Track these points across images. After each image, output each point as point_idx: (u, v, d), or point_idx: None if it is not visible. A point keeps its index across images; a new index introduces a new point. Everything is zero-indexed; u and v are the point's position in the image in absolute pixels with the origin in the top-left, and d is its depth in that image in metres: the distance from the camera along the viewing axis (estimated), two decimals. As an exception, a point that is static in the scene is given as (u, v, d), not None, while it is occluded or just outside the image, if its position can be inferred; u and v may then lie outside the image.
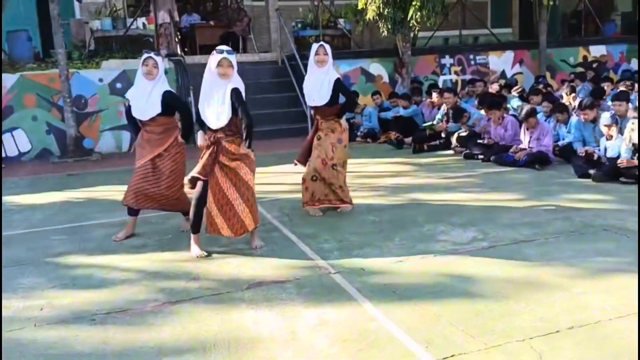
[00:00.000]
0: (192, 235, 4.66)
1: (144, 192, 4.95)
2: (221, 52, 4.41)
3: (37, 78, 10.14)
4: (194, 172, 4.49)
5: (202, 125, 4.60)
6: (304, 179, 5.53)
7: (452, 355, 2.88)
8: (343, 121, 5.57)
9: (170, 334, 3.27)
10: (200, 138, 4.64)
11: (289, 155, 8.92)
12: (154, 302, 3.71)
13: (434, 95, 10.31)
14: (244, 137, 4.48)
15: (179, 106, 5.10)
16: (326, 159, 5.46)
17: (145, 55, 4.95)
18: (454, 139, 8.88)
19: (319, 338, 3.14)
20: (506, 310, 3.34)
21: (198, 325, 3.36)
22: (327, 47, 5.43)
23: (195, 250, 4.60)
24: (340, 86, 5.48)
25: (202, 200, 4.56)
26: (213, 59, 4.40)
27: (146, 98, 4.86)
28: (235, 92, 4.36)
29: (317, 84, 5.40)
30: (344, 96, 5.61)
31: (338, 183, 5.52)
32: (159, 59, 4.94)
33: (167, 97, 4.91)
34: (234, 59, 4.41)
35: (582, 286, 3.63)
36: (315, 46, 5.44)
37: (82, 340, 3.23)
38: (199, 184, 4.54)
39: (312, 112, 5.68)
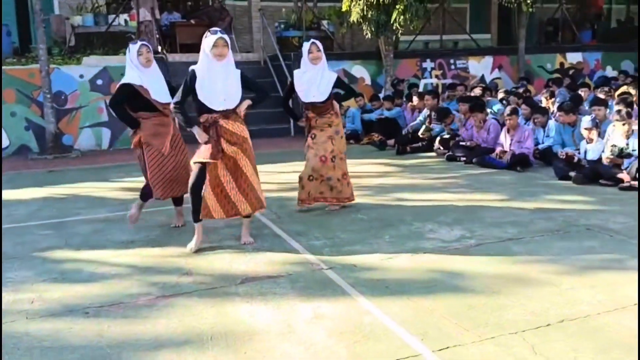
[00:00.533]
0: (195, 226, 4.62)
1: (177, 180, 4.99)
2: (215, 32, 4.39)
3: (16, 73, 9.99)
4: (201, 158, 4.46)
5: (187, 117, 4.50)
6: (300, 178, 5.58)
7: (447, 347, 2.93)
8: (336, 105, 5.61)
9: (165, 326, 3.27)
10: (200, 134, 4.54)
11: (273, 154, 8.99)
12: (147, 296, 3.70)
13: (414, 98, 10.42)
14: (254, 97, 4.66)
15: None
16: (325, 154, 5.50)
17: (138, 44, 4.92)
18: (436, 142, 8.99)
19: (316, 331, 3.17)
20: (497, 305, 3.41)
21: (193, 318, 3.36)
22: (319, 44, 5.44)
23: (191, 242, 4.58)
24: (341, 83, 5.64)
25: (200, 187, 4.54)
26: (208, 40, 4.37)
27: (159, 84, 4.92)
28: (245, 77, 4.53)
29: (316, 80, 5.41)
30: (345, 90, 5.73)
31: (337, 176, 5.56)
32: (149, 45, 5.00)
33: (170, 83, 5.05)
34: (228, 39, 4.43)
35: (570, 282, 3.72)
36: (307, 44, 5.44)
37: (76, 333, 3.21)
38: (195, 171, 4.51)
39: (305, 110, 5.62)
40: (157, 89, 4.94)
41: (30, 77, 9.98)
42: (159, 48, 11.74)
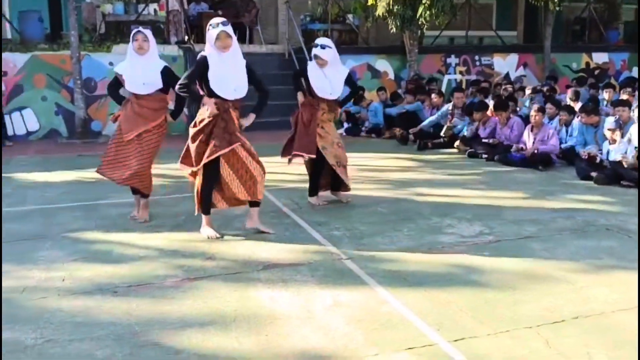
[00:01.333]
0: (203, 217, 4.77)
1: (120, 163, 4.98)
2: (216, 25, 4.39)
3: (48, 59, 10.23)
4: (216, 154, 4.48)
5: (194, 92, 4.57)
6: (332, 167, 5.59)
7: (463, 338, 3.03)
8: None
9: (191, 307, 3.41)
10: (212, 105, 4.48)
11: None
12: (173, 278, 3.85)
13: (433, 96, 10.41)
14: (257, 105, 4.78)
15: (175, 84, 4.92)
16: (339, 141, 5.63)
17: (135, 30, 4.95)
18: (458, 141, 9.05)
19: (335, 317, 3.28)
20: (513, 300, 3.49)
21: (217, 300, 3.50)
22: (328, 51, 5.38)
23: (207, 231, 4.72)
24: (350, 79, 5.69)
25: (213, 179, 4.65)
26: (211, 33, 4.40)
27: (143, 73, 4.86)
28: (249, 68, 4.59)
29: (333, 79, 5.50)
30: (352, 88, 5.81)
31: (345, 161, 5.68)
32: (148, 32, 4.93)
33: (166, 73, 4.96)
34: (230, 29, 4.45)
35: (586, 280, 3.78)
36: (314, 50, 5.44)
37: (106, 310, 3.37)
38: (206, 171, 4.59)
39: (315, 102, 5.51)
40: (138, 80, 4.86)
41: (61, 63, 10.22)
42: (186, 38, 11.89)
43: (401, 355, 2.86)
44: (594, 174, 6.76)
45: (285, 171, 7.37)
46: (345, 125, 11.02)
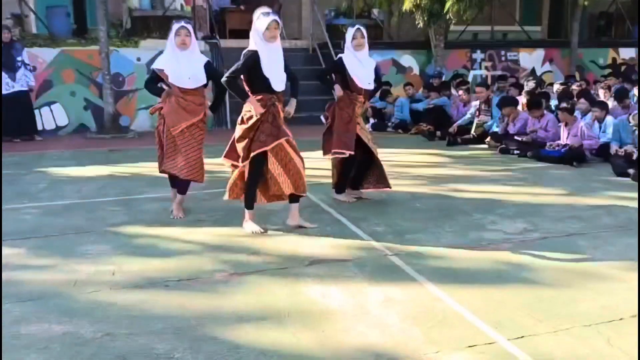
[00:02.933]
0: (246, 212, 4.77)
1: (174, 156, 4.99)
2: (267, 14, 4.37)
3: (76, 54, 10.31)
4: (264, 147, 4.48)
5: (241, 88, 4.56)
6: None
7: (523, 336, 2.98)
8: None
9: (244, 302, 3.40)
10: (256, 105, 4.48)
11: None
12: (221, 272, 3.85)
13: (461, 92, 10.35)
14: (293, 91, 4.79)
15: (218, 78, 4.90)
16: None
17: (177, 25, 4.85)
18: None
19: (389, 314, 3.25)
20: (568, 298, 3.44)
21: (269, 296, 3.49)
22: (364, 30, 5.37)
23: (251, 226, 4.72)
24: (377, 72, 5.59)
25: (259, 174, 4.65)
26: (261, 22, 4.36)
27: (188, 67, 4.84)
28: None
29: (368, 67, 5.45)
30: (377, 82, 5.67)
31: None
32: (190, 27, 4.89)
33: (209, 67, 4.97)
34: (280, 20, 4.49)
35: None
36: (351, 30, 5.34)
37: (161, 304, 3.37)
38: (253, 164, 4.57)
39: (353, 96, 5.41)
40: (183, 75, 4.83)
41: (89, 59, 10.28)
42: (211, 33, 11.92)
43: (463, 354, 2.83)
44: (631, 171, 6.66)
45: (318, 166, 7.36)
46: (372, 121, 10.98)
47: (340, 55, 5.54)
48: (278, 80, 4.52)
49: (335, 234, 4.68)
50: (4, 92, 9.17)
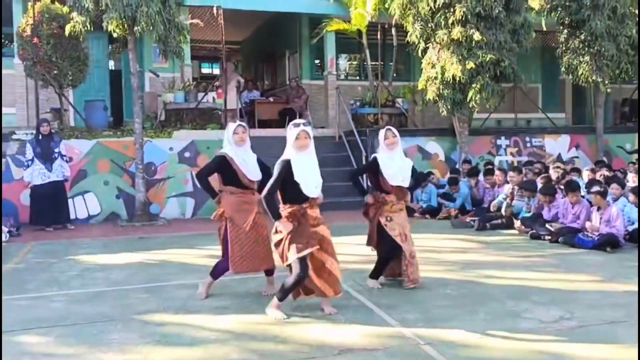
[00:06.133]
0: (275, 301, 4.72)
1: (251, 253, 5.14)
2: (298, 125, 4.65)
3: (112, 145, 10.69)
4: (302, 252, 4.57)
5: (276, 208, 4.70)
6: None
7: None
8: (408, 194, 5.78)
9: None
10: (286, 225, 4.64)
11: (351, 227, 9.03)
12: (249, 362, 3.76)
13: (497, 173, 10.40)
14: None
15: (268, 171, 5.18)
16: (405, 232, 5.61)
17: (236, 124, 5.23)
18: (517, 221, 8.88)
19: (423, 407, 3.11)
20: (613, 390, 3.26)
21: (298, 387, 3.38)
22: (394, 130, 5.59)
23: (274, 312, 4.68)
24: (414, 171, 5.74)
25: (305, 277, 4.66)
26: (292, 133, 4.63)
27: (250, 162, 5.19)
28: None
29: (403, 165, 5.59)
30: (414, 179, 5.81)
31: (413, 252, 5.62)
32: (246, 126, 5.28)
33: (261, 163, 5.28)
34: (310, 130, 4.68)
35: (688, 370, 3.52)
36: (382, 131, 5.60)
37: (186, 395, 3.29)
38: (298, 266, 4.59)
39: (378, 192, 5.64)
40: (252, 169, 5.21)
41: (124, 149, 10.65)
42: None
43: None
44: (668, 256, 6.47)
45: (346, 252, 7.32)
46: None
47: (374, 154, 5.76)
48: (311, 185, 4.65)
49: (365, 321, 4.58)
50: (40, 182, 9.49)
